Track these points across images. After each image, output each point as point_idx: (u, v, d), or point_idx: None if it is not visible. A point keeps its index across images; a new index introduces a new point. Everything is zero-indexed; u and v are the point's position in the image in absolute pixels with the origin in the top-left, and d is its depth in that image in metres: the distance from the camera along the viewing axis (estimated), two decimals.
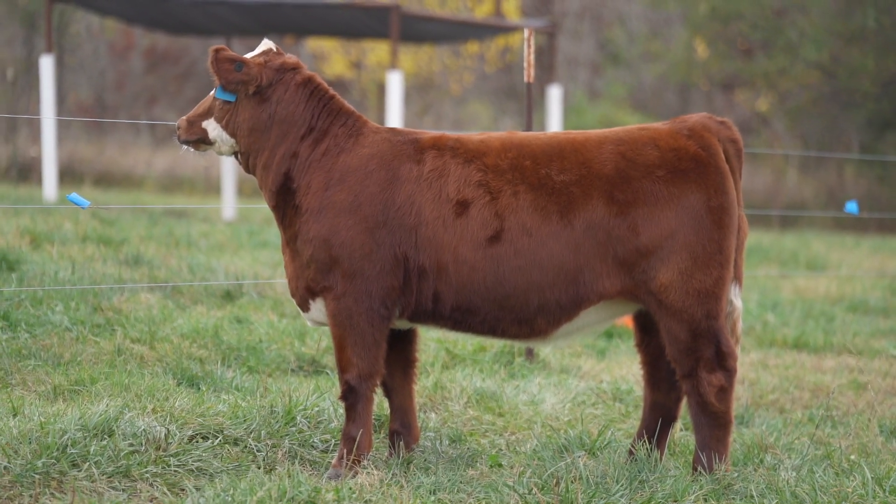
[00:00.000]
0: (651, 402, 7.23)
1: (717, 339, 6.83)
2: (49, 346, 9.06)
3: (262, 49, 7.19)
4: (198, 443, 7.10)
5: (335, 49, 35.87)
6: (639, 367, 7.32)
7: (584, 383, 9.44)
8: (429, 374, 9.12)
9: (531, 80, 10.14)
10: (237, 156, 7.23)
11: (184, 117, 7.20)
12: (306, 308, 7.07)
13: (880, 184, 30.46)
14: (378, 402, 7.69)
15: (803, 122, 32.13)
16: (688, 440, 7.91)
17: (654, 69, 35.57)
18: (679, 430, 8.11)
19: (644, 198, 6.84)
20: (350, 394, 6.94)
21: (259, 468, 6.98)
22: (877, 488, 6.75)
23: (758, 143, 32.57)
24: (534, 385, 9.09)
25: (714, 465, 6.87)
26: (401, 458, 7.21)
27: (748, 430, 8.44)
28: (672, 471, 6.92)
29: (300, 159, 7.06)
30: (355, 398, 6.94)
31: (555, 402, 8.72)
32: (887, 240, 25.15)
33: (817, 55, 30.61)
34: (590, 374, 10.10)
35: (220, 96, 7.12)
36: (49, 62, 21.46)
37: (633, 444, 7.26)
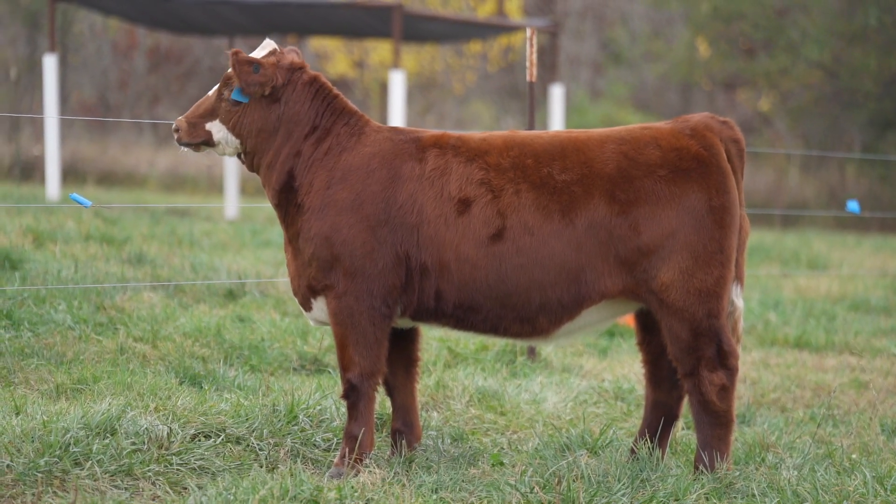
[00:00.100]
0: (653, 400, 7.23)
1: (719, 338, 6.83)
2: (52, 344, 9.07)
3: (268, 49, 7.16)
4: (200, 441, 7.11)
5: (338, 48, 35.87)
6: (640, 365, 7.32)
7: (585, 382, 9.44)
8: (431, 372, 9.12)
9: (533, 80, 10.14)
10: (240, 156, 7.20)
11: (182, 119, 7.10)
12: (308, 307, 7.07)
13: (882, 183, 30.45)
14: (380, 400, 7.70)
15: (805, 122, 32.12)
16: (689, 439, 7.91)
17: (656, 69, 35.56)
18: (681, 429, 8.11)
19: (646, 197, 6.84)
20: (352, 392, 6.94)
21: (261, 467, 6.98)
22: (878, 487, 6.76)
23: (760, 142, 32.55)
24: (536, 384, 9.09)
25: (715, 464, 6.86)
26: (403, 457, 7.20)
27: (750, 429, 8.44)
28: (674, 470, 6.92)
29: (303, 158, 7.05)
30: (357, 397, 6.94)
31: (556, 400, 8.73)
32: (889, 239, 25.13)
33: (819, 55, 30.60)
34: (591, 372, 10.10)
35: (237, 98, 7.07)
36: (52, 61, 21.47)
37: (635, 442, 7.26)
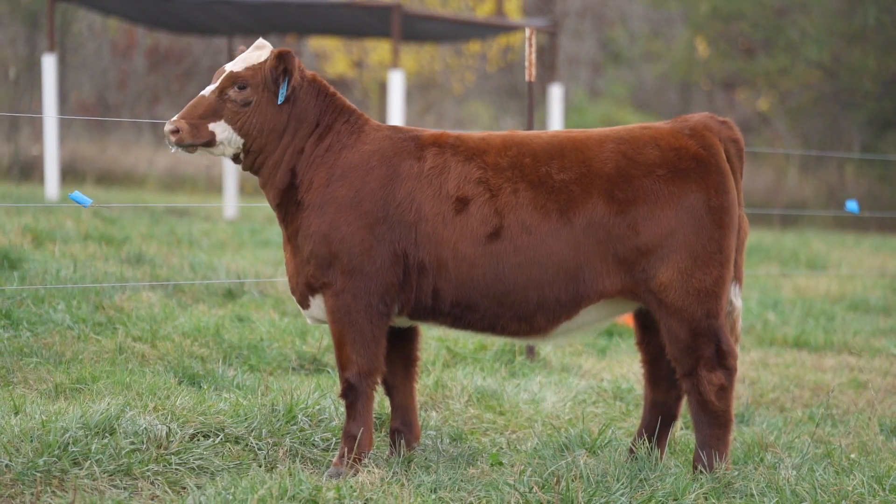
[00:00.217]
0: (651, 400, 7.23)
1: (718, 337, 6.83)
2: (51, 344, 9.07)
3: (265, 49, 7.11)
4: (199, 441, 7.11)
5: (337, 48, 35.87)
6: (639, 365, 7.32)
7: (584, 382, 9.44)
8: (430, 372, 9.12)
9: (532, 80, 10.15)
10: (237, 156, 7.10)
11: (182, 120, 6.93)
12: (306, 305, 7.07)
13: (881, 183, 30.46)
14: (379, 400, 7.70)
15: (804, 122, 32.12)
16: (688, 439, 7.91)
17: (655, 68, 35.57)
18: (679, 429, 8.11)
19: (644, 197, 6.84)
20: (350, 392, 6.94)
21: (260, 466, 6.98)
22: (877, 487, 6.76)
23: (759, 142, 32.56)
24: (534, 383, 9.09)
25: (714, 464, 6.87)
26: (402, 457, 7.20)
27: (748, 429, 8.45)
28: (672, 469, 6.92)
29: (305, 155, 7.05)
30: (355, 396, 6.94)
31: (555, 400, 8.73)
32: (888, 239, 25.14)
33: (818, 55, 30.61)
34: (590, 372, 10.10)
35: (283, 100, 7.02)
36: (51, 61, 21.47)
37: (634, 442, 7.26)
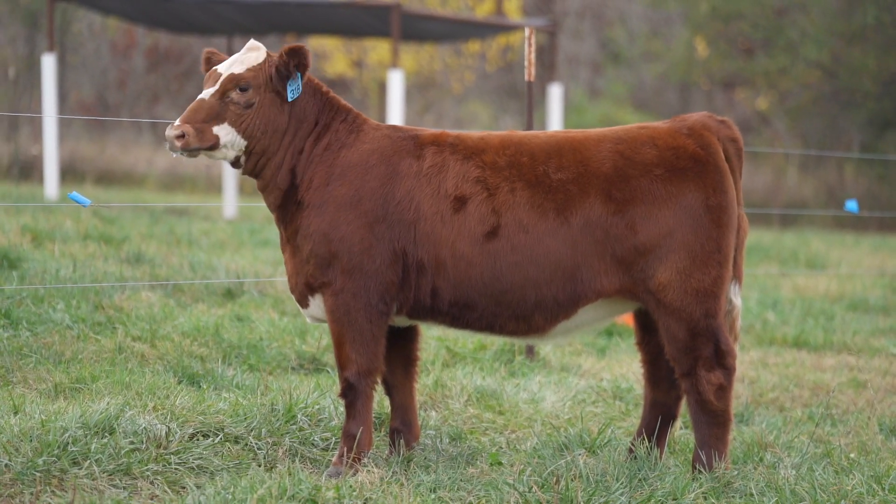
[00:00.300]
0: (651, 400, 7.23)
1: (716, 337, 6.83)
2: (50, 343, 9.07)
3: (261, 51, 7.06)
4: (198, 441, 7.11)
5: (336, 48, 35.87)
6: (639, 365, 7.32)
7: (584, 381, 9.44)
8: (429, 372, 9.12)
9: (532, 79, 10.15)
10: (238, 159, 7.04)
11: (187, 124, 6.86)
12: (305, 304, 7.07)
13: (880, 183, 30.46)
14: (378, 399, 7.70)
15: (804, 121, 32.12)
16: (688, 438, 7.91)
17: (654, 68, 35.56)
18: (679, 429, 8.11)
19: (642, 196, 6.84)
20: (349, 391, 6.93)
21: (260, 466, 6.98)
22: (876, 486, 6.76)
23: (758, 141, 32.56)
24: (534, 383, 9.09)
25: (714, 464, 6.86)
26: (401, 456, 7.21)
27: (748, 429, 8.45)
28: (672, 469, 6.93)
29: (304, 155, 7.04)
30: (355, 395, 6.93)
31: (555, 400, 8.73)
32: (887, 238, 25.15)
33: (818, 54, 30.61)
34: (590, 372, 10.10)
35: (293, 98, 7.01)
36: (51, 61, 21.47)
37: (633, 442, 7.26)
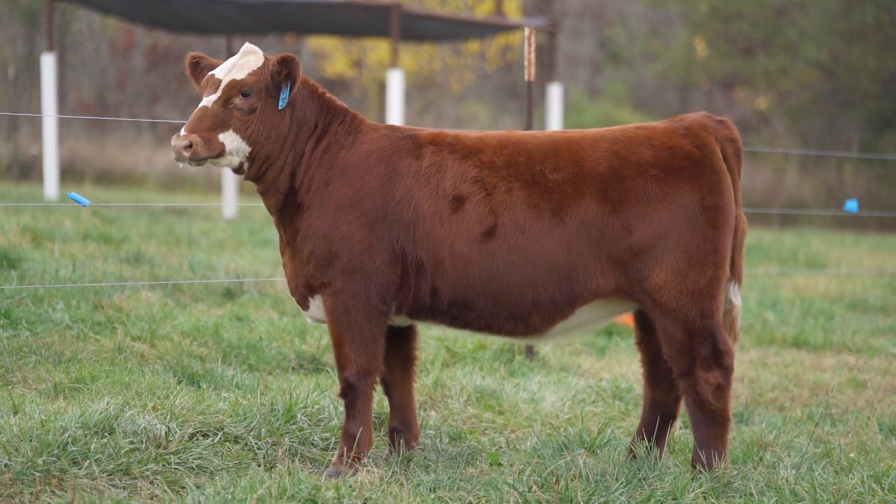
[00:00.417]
0: (651, 400, 7.23)
1: (713, 337, 6.83)
2: (50, 343, 9.07)
3: (258, 52, 7.02)
4: (198, 441, 7.11)
5: (336, 48, 35.87)
6: (639, 365, 7.32)
7: (584, 381, 9.44)
8: (429, 371, 9.12)
9: (531, 79, 10.15)
10: (241, 165, 6.98)
11: (194, 134, 6.77)
12: (306, 305, 7.07)
13: (880, 182, 30.46)
14: (378, 399, 7.70)
15: (803, 121, 32.13)
16: (687, 438, 7.91)
17: (654, 68, 35.57)
18: (679, 429, 8.11)
19: (637, 196, 6.84)
20: (349, 391, 6.94)
21: (259, 466, 6.98)
22: (875, 486, 6.76)
23: (758, 141, 32.56)
24: (534, 383, 9.10)
25: (713, 463, 6.87)
26: (401, 456, 7.21)
27: (748, 428, 8.45)
28: (671, 469, 6.92)
29: (304, 157, 7.04)
30: (354, 395, 6.94)
31: (555, 400, 8.73)
32: (887, 238, 25.15)
33: (817, 54, 30.61)
34: (590, 372, 10.11)
35: (284, 105, 6.98)
36: (50, 60, 21.46)
37: (633, 442, 7.26)
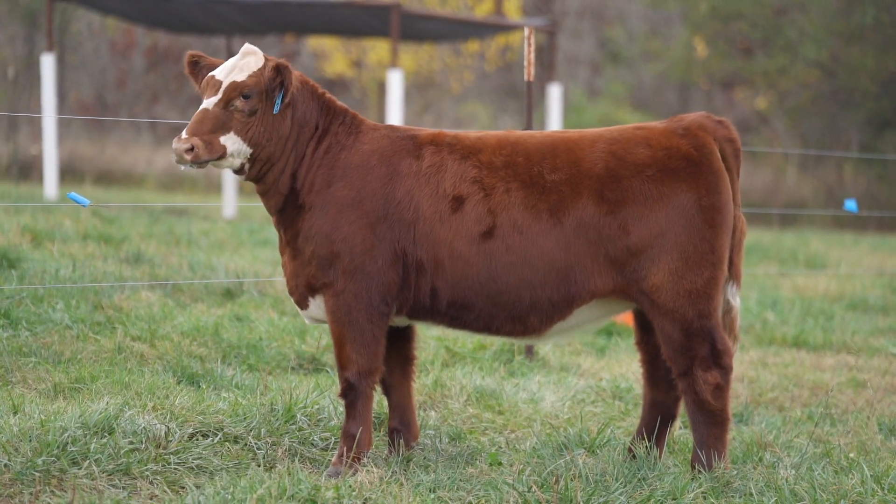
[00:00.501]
0: (650, 400, 7.23)
1: (712, 337, 6.83)
2: (49, 343, 9.07)
3: (258, 56, 7.01)
4: (198, 441, 7.11)
5: (336, 48, 35.87)
6: (638, 365, 7.32)
7: (583, 381, 9.44)
8: (429, 371, 9.13)
9: (531, 79, 10.15)
10: (243, 166, 6.96)
11: (195, 137, 6.75)
12: (305, 305, 7.07)
13: (879, 182, 30.47)
14: (378, 399, 7.70)
15: (803, 121, 32.13)
16: (687, 438, 7.91)
17: (653, 68, 35.57)
18: (678, 428, 8.11)
19: (634, 197, 6.83)
20: (349, 391, 6.94)
21: (259, 466, 6.99)
22: (875, 486, 6.76)
23: (757, 141, 32.56)
24: (533, 383, 9.10)
25: (713, 463, 6.87)
26: (400, 456, 7.21)
27: (747, 428, 8.45)
28: (671, 469, 6.93)
29: (305, 158, 7.04)
30: (355, 395, 6.94)
31: (554, 400, 8.73)
32: (886, 238, 25.15)
33: (817, 54, 30.61)
34: (589, 372, 10.11)
35: (279, 110, 6.96)
36: (50, 60, 21.46)
37: (633, 442, 7.26)
